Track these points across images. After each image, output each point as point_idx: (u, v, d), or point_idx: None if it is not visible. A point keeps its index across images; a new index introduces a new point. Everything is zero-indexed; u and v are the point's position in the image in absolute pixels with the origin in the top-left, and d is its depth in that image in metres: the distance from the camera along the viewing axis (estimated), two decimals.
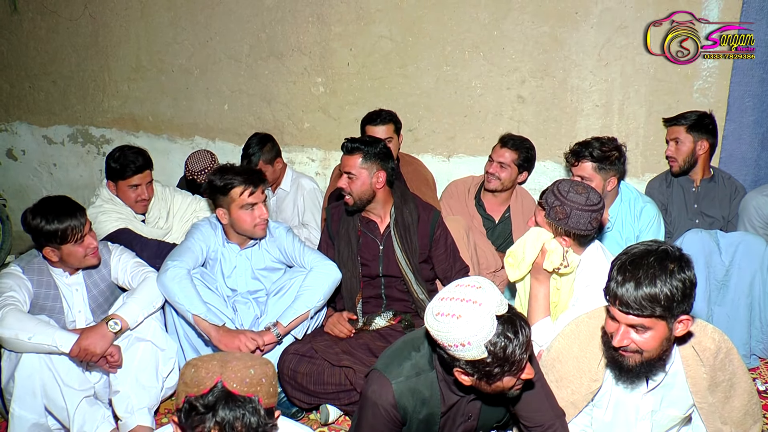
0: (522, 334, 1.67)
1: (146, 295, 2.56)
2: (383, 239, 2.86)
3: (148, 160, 3.25)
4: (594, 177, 2.91)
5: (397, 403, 1.86)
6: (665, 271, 1.69)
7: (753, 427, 1.99)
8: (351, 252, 2.85)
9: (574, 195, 2.31)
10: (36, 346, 2.30)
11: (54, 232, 2.44)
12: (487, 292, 1.67)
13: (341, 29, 3.87)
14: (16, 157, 5.02)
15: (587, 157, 2.92)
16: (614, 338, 1.78)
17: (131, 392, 2.44)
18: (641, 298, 1.69)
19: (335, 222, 2.92)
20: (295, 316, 2.66)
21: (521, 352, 1.67)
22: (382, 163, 2.74)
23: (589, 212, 2.30)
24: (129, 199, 3.23)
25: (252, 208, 2.71)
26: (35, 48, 4.68)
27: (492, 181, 3.40)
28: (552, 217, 2.35)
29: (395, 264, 2.83)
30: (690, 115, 3.20)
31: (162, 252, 3.05)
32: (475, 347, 1.64)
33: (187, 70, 4.31)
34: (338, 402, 2.60)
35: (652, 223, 3.02)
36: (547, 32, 3.50)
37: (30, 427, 2.35)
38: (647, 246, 1.76)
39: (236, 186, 2.67)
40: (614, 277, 1.75)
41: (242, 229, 2.76)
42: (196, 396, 1.43)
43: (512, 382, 1.74)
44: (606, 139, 2.98)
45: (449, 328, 1.64)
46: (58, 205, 2.49)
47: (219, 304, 2.69)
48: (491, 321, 1.64)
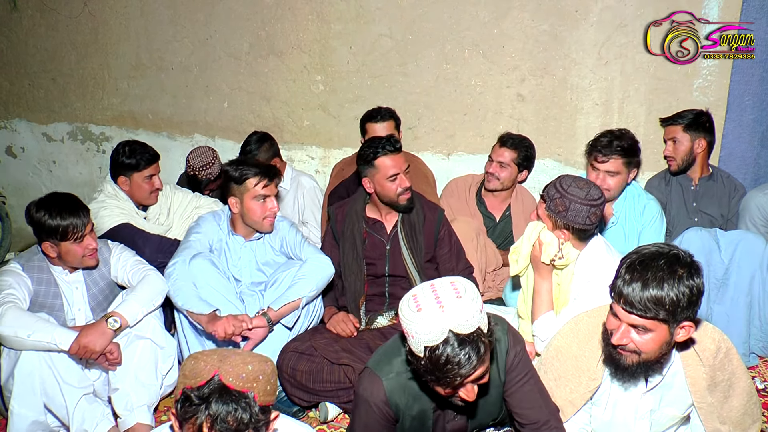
0: (469, 361, 1.61)
1: (146, 293, 2.56)
2: (390, 239, 2.86)
3: (156, 152, 3.31)
4: (622, 171, 2.95)
5: (388, 400, 1.87)
6: (674, 276, 1.68)
7: (752, 427, 1.99)
8: (356, 254, 2.86)
9: (575, 189, 2.33)
10: (35, 343, 2.30)
11: (55, 227, 2.44)
12: (460, 305, 1.63)
13: (341, 27, 3.87)
14: (16, 154, 5.01)
15: (619, 153, 2.94)
16: (614, 335, 1.79)
17: (130, 390, 2.44)
18: (646, 300, 1.69)
19: (339, 222, 2.92)
20: (285, 302, 2.67)
21: (455, 374, 1.62)
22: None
23: (588, 206, 2.31)
24: (144, 192, 3.24)
25: (264, 200, 2.76)
26: (35, 45, 4.67)
27: (492, 180, 3.41)
28: (552, 210, 2.37)
29: (402, 264, 2.84)
30: (687, 114, 3.20)
31: (164, 247, 3.07)
32: (416, 343, 1.65)
33: (186, 67, 4.31)
34: (337, 400, 2.61)
35: (655, 219, 3.03)
36: (546, 30, 3.50)
37: (29, 424, 2.36)
38: (659, 248, 1.76)
39: (251, 176, 2.73)
40: (622, 275, 1.74)
41: (251, 220, 2.79)
42: (192, 387, 1.44)
43: (446, 391, 1.72)
44: (625, 130, 3.02)
45: (409, 315, 1.65)
46: (64, 202, 2.49)
47: (231, 295, 2.71)
48: (441, 330, 1.61)
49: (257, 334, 2.63)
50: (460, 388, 1.70)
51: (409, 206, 2.85)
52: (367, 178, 2.82)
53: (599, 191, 2.37)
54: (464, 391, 1.70)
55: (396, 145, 2.81)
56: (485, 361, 1.68)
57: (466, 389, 1.70)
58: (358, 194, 2.98)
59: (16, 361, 2.33)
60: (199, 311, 2.57)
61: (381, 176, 2.79)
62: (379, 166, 2.78)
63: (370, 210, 2.94)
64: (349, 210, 2.94)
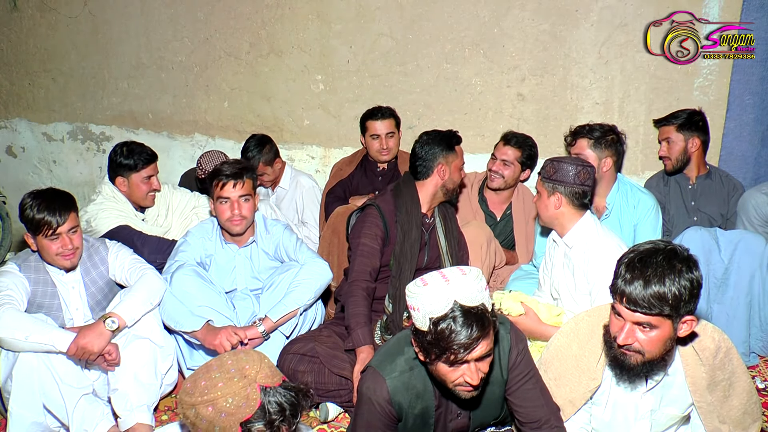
0: (472, 329, 1.65)
1: (144, 293, 2.55)
2: (429, 231, 2.87)
3: (154, 152, 3.29)
4: (589, 155, 2.95)
5: (391, 399, 1.87)
6: (674, 271, 1.69)
7: (752, 426, 1.99)
8: (413, 252, 2.77)
9: (566, 159, 2.54)
10: (33, 345, 2.29)
11: (29, 219, 2.45)
12: (465, 279, 1.69)
13: (341, 27, 3.87)
14: (16, 154, 5.01)
15: (584, 135, 2.99)
16: (619, 336, 1.78)
17: (130, 390, 2.43)
18: (650, 297, 1.69)
19: (389, 215, 2.77)
20: (284, 313, 2.65)
21: (460, 345, 1.65)
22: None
23: (575, 165, 2.48)
24: (141, 192, 3.23)
25: (226, 202, 2.72)
26: (35, 45, 4.67)
27: (495, 179, 3.40)
28: (544, 177, 2.54)
29: (437, 255, 2.86)
30: (680, 114, 3.21)
31: (162, 248, 3.06)
32: (421, 316, 1.69)
33: (186, 67, 4.31)
34: (339, 399, 2.60)
35: (650, 213, 3.02)
36: (547, 30, 3.50)
37: (29, 425, 2.35)
38: (655, 244, 1.76)
39: (215, 178, 2.73)
40: (622, 275, 1.74)
41: (220, 222, 2.78)
42: (257, 412, 1.46)
43: (450, 375, 1.73)
44: (606, 124, 3.05)
45: (415, 290, 1.71)
46: (50, 198, 2.49)
47: (218, 304, 2.69)
48: (447, 302, 1.66)
49: (252, 345, 2.62)
50: (464, 366, 1.70)
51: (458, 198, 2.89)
52: (444, 165, 2.79)
53: (587, 161, 2.61)
54: (469, 372, 1.71)
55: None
56: (489, 336, 1.70)
57: (470, 369, 1.71)
58: (404, 188, 2.84)
59: (14, 362, 2.32)
60: (191, 329, 2.56)
61: (458, 164, 2.83)
62: (459, 153, 2.83)
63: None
64: (401, 203, 2.80)
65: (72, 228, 2.49)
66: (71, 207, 2.51)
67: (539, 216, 2.64)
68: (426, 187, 2.82)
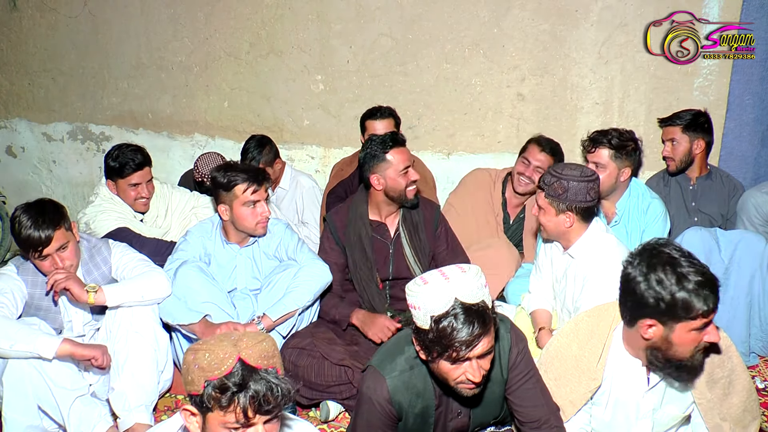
0: (473, 326, 1.65)
1: (138, 284, 2.53)
2: (392, 241, 2.85)
3: (146, 158, 3.23)
4: (609, 165, 2.90)
5: (391, 398, 1.88)
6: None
7: (752, 424, 1.99)
8: (367, 260, 2.81)
9: (569, 171, 2.44)
10: (18, 353, 2.25)
11: (18, 242, 2.41)
12: (465, 277, 1.70)
13: (341, 27, 3.87)
14: (16, 154, 5.01)
15: (605, 144, 2.90)
16: (709, 336, 1.80)
17: (128, 390, 2.42)
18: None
19: (341, 229, 2.86)
20: (283, 313, 2.65)
21: (462, 342, 1.65)
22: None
23: (585, 182, 2.41)
24: (129, 198, 3.21)
25: (254, 206, 2.72)
26: (35, 45, 4.66)
27: (525, 184, 3.25)
28: (552, 195, 2.44)
29: (405, 265, 2.83)
30: (684, 115, 3.19)
31: (160, 250, 3.05)
32: (422, 314, 1.69)
33: (186, 67, 4.30)
34: (339, 395, 2.60)
35: (659, 219, 3.01)
36: (547, 30, 3.50)
37: (25, 428, 2.32)
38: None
39: (239, 183, 2.68)
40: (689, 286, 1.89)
41: (243, 226, 2.76)
42: (221, 377, 1.44)
43: (452, 372, 1.73)
44: (624, 130, 2.98)
45: (416, 290, 1.71)
46: (34, 217, 2.36)
47: (222, 302, 2.69)
48: (447, 299, 1.66)
49: None
50: (466, 364, 1.70)
51: (416, 201, 2.83)
52: (377, 174, 2.74)
53: (590, 169, 2.52)
54: (471, 369, 1.71)
55: (403, 138, 2.81)
56: (490, 333, 1.70)
57: (472, 367, 1.71)
58: (358, 198, 2.90)
59: (4, 368, 2.29)
60: (189, 321, 2.56)
61: (394, 170, 2.72)
62: (392, 160, 2.72)
63: (372, 212, 2.88)
64: (351, 215, 2.86)
65: (61, 246, 2.41)
66: (57, 224, 2.40)
67: (544, 229, 2.57)
68: (372, 195, 2.83)
